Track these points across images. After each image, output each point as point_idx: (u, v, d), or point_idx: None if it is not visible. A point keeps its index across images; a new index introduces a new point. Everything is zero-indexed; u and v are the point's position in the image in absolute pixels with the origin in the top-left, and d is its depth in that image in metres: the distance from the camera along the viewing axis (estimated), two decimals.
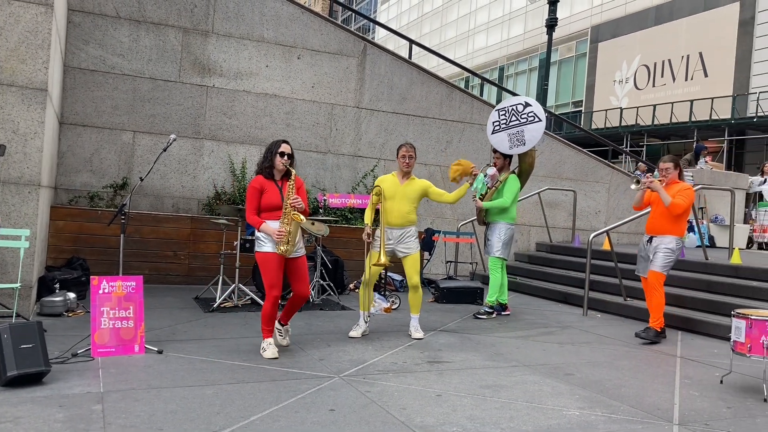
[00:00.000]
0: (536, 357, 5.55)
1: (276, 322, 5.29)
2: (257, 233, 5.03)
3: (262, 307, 5.00)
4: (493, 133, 7.93)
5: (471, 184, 6.43)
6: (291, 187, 5.01)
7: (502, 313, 7.63)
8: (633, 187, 6.50)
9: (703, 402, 4.41)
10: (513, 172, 7.62)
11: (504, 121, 7.83)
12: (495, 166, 7.57)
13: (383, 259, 5.81)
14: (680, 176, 6.59)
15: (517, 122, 7.73)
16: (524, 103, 7.80)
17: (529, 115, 7.68)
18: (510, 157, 7.67)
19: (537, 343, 6.18)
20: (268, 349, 4.98)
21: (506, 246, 7.41)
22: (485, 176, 7.50)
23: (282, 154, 5.02)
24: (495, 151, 7.68)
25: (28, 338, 4.01)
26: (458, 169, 6.81)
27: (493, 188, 7.45)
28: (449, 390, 4.35)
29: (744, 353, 4.57)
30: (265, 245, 4.98)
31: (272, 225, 4.96)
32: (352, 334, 5.95)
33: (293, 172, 5.05)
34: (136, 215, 8.42)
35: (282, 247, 4.90)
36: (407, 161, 6.05)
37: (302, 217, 4.91)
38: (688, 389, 4.73)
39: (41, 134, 6.00)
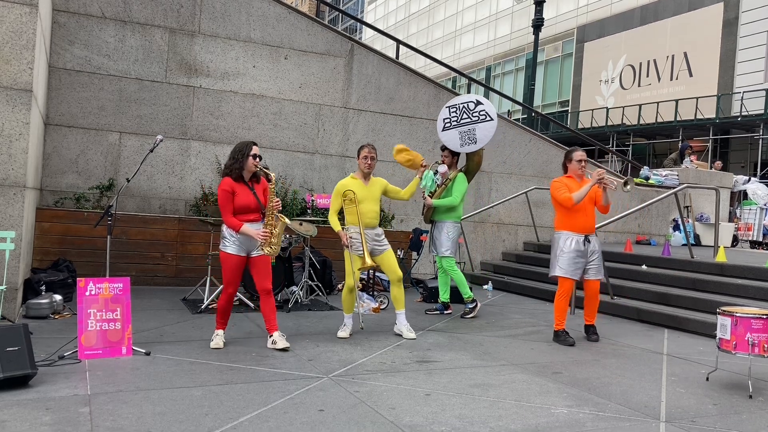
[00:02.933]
0: (524, 356, 5.57)
1: (269, 335, 5.37)
2: (224, 232, 5.15)
3: (218, 302, 5.28)
4: (443, 130, 7.82)
5: (420, 179, 6.40)
6: (272, 189, 5.15)
7: (444, 312, 7.62)
8: (627, 188, 6.04)
9: (690, 399, 4.45)
10: (460, 170, 7.53)
11: (455, 119, 7.72)
12: (443, 163, 7.51)
13: (369, 261, 5.81)
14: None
15: (469, 120, 7.61)
16: (475, 101, 7.69)
17: (481, 113, 7.57)
18: (458, 155, 7.61)
19: (525, 342, 6.20)
20: (215, 339, 5.27)
21: (454, 244, 7.42)
22: (436, 174, 7.44)
23: (254, 156, 5.13)
24: (444, 148, 7.59)
25: (14, 341, 3.97)
26: (408, 158, 6.76)
27: (443, 186, 7.41)
28: (438, 389, 4.36)
29: (729, 350, 4.62)
30: (229, 246, 5.12)
31: (252, 227, 5.10)
32: (341, 334, 5.95)
33: (262, 173, 5.19)
34: (122, 216, 8.37)
35: (267, 249, 5.05)
36: (369, 162, 6.01)
37: (287, 219, 5.09)
38: (675, 386, 4.77)
39: (26, 135, 5.95)
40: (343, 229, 5.97)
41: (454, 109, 7.76)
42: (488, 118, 7.52)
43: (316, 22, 10.12)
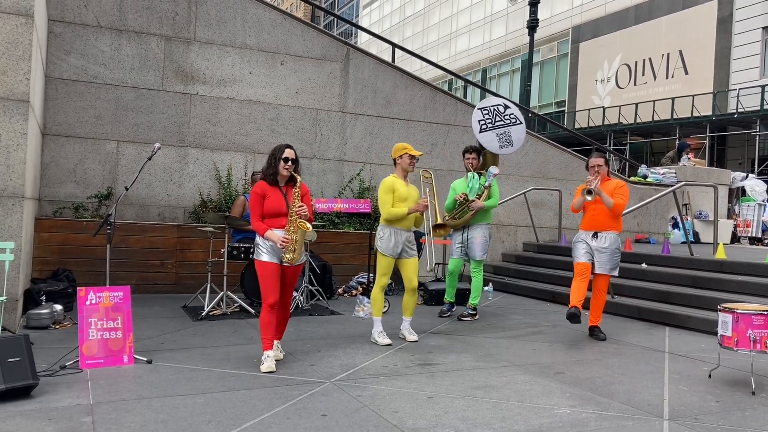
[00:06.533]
0: (526, 356, 5.57)
1: None
2: (257, 240, 4.94)
3: (260, 316, 4.89)
4: (481, 132, 7.86)
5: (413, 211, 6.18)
6: (296, 194, 4.91)
7: (452, 310, 7.72)
8: (589, 198, 6.23)
9: (693, 396, 4.45)
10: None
11: (489, 121, 7.80)
12: (472, 166, 7.50)
13: (440, 219, 6.22)
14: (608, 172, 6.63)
15: (502, 123, 7.75)
16: (504, 105, 7.86)
17: (511, 116, 7.77)
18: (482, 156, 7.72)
19: (527, 342, 6.20)
20: (266, 361, 4.81)
21: (488, 247, 7.52)
22: (490, 176, 7.43)
23: (286, 160, 4.92)
24: (472, 151, 7.55)
25: (15, 351, 3.97)
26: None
27: (487, 189, 7.41)
28: (441, 392, 4.36)
29: (731, 347, 4.62)
30: (263, 254, 4.88)
31: (277, 233, 4.84)
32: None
33: (299, 178, 4.96)
34: (121, 225, 8.37)
35: (288, 255, 4.82)
36: (413, 162, 6.11)
37: (308, 225, 4.81)
38: (677, 384, 4.77)
39: (24, 146, 5.95)
40: (384, 225, 6.01)
41: (486, 111, 7.85)
42: (518, 122, 7.78)
43: (311, 27, 10.14)
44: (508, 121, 7.76)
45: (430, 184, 6.44)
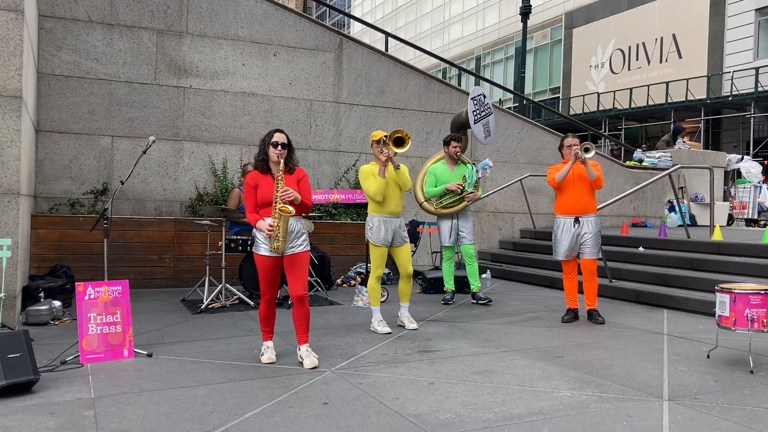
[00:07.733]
0: (525, 341, 5.59)
1: (297, 349, 4.85)
2: (254, 232, 4.71)
3: (259, 309, 4.81)
4: (475, 123, 7.90)
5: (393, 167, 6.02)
6: (279, 177, 4.58)
7: (453, 297, 7.78)
8: (588, 156, 6.13)
9: (692, 377, 4.47)
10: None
11: (477, 111, 7.88)
12: (461, 154, 7.48)
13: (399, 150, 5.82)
14: None
15: (485, 113, 7.92)
16: (484, 95, 8.00)
17: (486, 107, 7.95)
18: None
19: (526, 327, 6.22)
20: (266, 352, 4.77)
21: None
22: (486, 168, 7.40)
23: (275, 144, 4.62)
24: (458, 139, 7.45)
25: (15, 348, 3.97)
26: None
27: (480, 179, 7.42)
28: (441, 378, 4.37)
29: (729, 327, 4.64)
30: (260, 247, 4.68)
31: (268, 221, 4.60)
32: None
33: (281, 162, 4.62)
34: (118, 220, 8.36)
35: (273, 244, 4.56)
36: (380, 148, 5.88)
37: (290, 208, 4.49)
38: (677, 365, 4.79)
39: (18, 142, 5.93)
40: (372, 214, 5.95)
41: (476, 102, 8.00)
42: (491, 111, 7.99)
43: (303, 18, 10.09)
44: (487, 112, 7.95)
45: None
